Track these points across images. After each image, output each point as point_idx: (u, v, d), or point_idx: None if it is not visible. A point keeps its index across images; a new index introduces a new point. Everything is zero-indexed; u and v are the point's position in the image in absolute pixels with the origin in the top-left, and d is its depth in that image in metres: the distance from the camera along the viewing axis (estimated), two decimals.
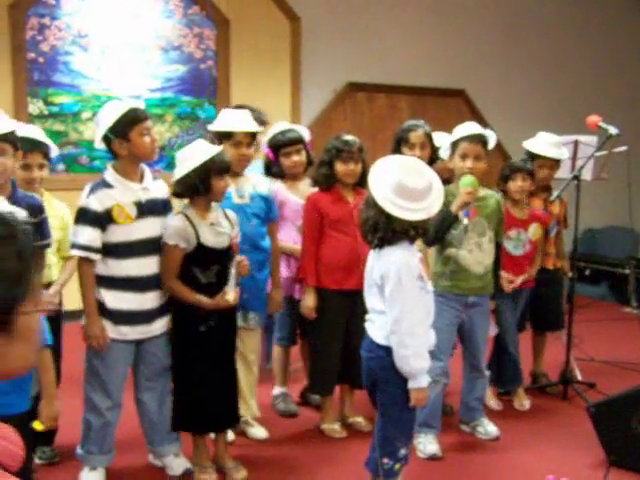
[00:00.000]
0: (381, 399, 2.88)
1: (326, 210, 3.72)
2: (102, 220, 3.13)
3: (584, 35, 8.38)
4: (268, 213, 3.80)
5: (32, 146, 3.35)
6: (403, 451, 2.87)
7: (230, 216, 3.43)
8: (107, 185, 3.19)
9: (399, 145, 3.98)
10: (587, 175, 4.97)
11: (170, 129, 6.65)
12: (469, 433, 3.96)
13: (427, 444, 3.66)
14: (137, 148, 3.17)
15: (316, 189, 3.85)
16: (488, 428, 3.92)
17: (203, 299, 3.21)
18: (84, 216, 3.13)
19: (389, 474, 2.86)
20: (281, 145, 4.00)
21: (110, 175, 3.22)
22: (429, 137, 4.00)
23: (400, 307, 2.70)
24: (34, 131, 3.52)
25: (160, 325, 3.32)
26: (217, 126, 3.73)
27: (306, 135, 4.17)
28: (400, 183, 2.64)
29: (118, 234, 3.17)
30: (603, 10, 8.47)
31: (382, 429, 2.88)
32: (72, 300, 3.56)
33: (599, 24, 8.47)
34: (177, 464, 3.43)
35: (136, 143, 3.16)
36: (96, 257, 3.14)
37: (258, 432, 3.87)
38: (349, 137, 3.80)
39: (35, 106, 6.18)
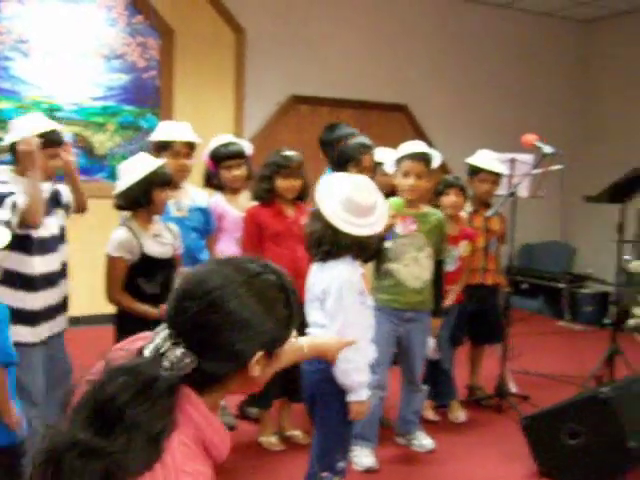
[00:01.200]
0: (320, 412, 2.90)
1: (265, 224, 3.74)
2: None
3: (522, 54, 8.57)
4: (206, 226, 3.81)
5: None
6: (341, 464, 2.90)
7: (171, 228, 3.46)
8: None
9: (346, 162, 3.98)
10: (524, 192, 5.10)
11: (112, 138, 6.58)
12: (405, 445, 4.01)
13: (363, 457, 3.69)
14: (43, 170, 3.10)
15: (255, 203, 3.87)
16: (423, 441, 3.98)
17: (149, 310, 3.21)
18: None
19: None
20: (223, 158, 4.00)
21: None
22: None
23: (341, 321, 2.73)
24: None
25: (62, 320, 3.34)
26: (156, 136, 3.75)
27: (248, 149, 4.19)
28: (349, 198, 2.69)
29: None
30: (541, 29, 8.69)
31: (320, 442, 2.91)
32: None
33: (537, 44, 8.68)
34: None
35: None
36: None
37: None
38: (290, 152, 3.82)
39: None
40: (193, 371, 1.32)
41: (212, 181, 4.11)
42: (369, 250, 2.87)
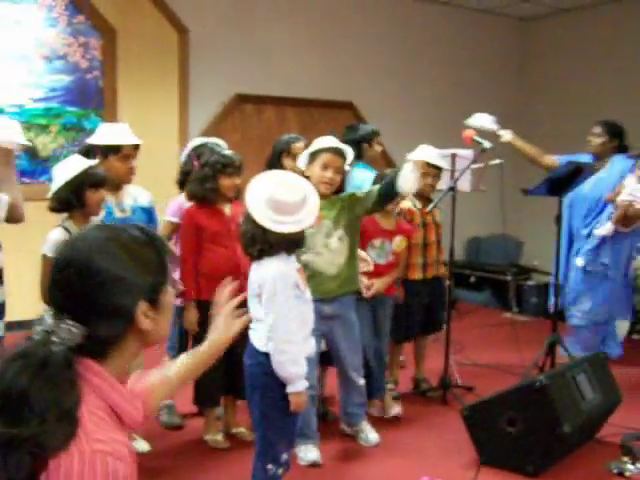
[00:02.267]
0: (262, 405, 2.94)
1: (203, 223, 3.76)
2: None
3: (463, 52, 8.71)
4: (150, 224, 3.81)
5: None
6: (285, 456, 2.96)
7: None
8: None
9: (279, 157, 4.07)
10: (465, 187, 5.19)
11: (55, 140, 6.51)
12: (351, 438, 4.05)
13: (307, 452, 3.74)
14: None
15: (190, 203, 3.88)
16: (370, 435, 4.01)
17: None
18: None
19: None
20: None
21: None
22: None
23: (275, 315, 2.81)
24: None
25: None
26: (102, 140, 3.73)
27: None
28: (272, 197, 2.76)
29: None
30: (481, 27, 8.84)
31: (263, 436, 2.95)
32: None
33: (477, 41, 8.83)
34: None
35: None
36: None
37: (139, 445, 3.85)
38: (229, 152, 3.85)
39: None
40: (87, 340, 1.35)
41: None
42: (300, 244, 2.94)
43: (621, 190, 5.13)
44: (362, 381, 4.00)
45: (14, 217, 3.21)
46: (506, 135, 5.20)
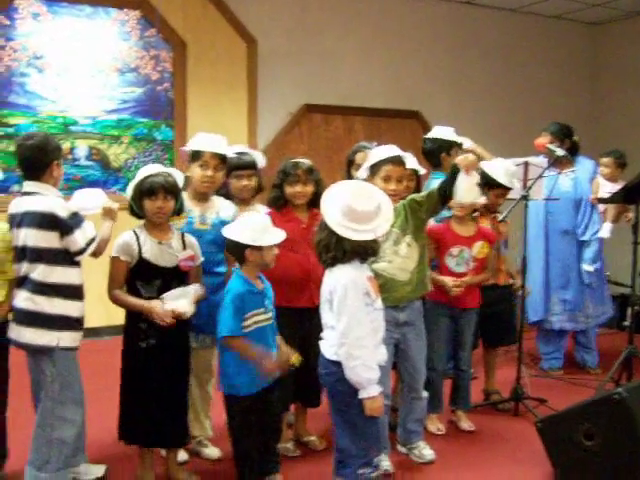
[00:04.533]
0: (343, 413, 2.98)
1: (279, 229, 3.77)
2: None
3: (533, 58, 8.58)
4: None
5: None
6: (376, 459, 3.01)
7: (187, 240, 3.51)
8: None
9: (349, 167, 4.07)
10: (539, 195, 5.08)
11: (126, 151, 6.65)
12: (405, 454, 3.97)
13: (379, 461, 3.69)
14: None
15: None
16: (424, 451, 3.91)
17: (140, 302, 3.32)
18: None
19: None
20: (233, 167, 4.02)
21: None
22: None
23: (346, 320, 2.85)
24: None
25: None
26: (188, 145, 3.83)
27: (261, 161, 4.20)
28: (349, 206, 2.85)
29: None
30: (551, 33, 8.69)
31: (353, 442, 2.98)
32: None
33: (550, 46, 8.69)
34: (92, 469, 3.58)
35: None
36: None
37: (212, 452, 3.88)
38: (299, 160, 3.85)
39: None
40: None
41: (220, 190, 4.11)
42: (374, 252, 3.00)
43: (597, 190, 5.43)
44: (425, 394, 3.93)
45: (96, 253, 3.41)
46: (466, 142, 5.06)
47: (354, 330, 2.84)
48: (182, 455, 3.72)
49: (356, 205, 2.84)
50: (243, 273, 3.25)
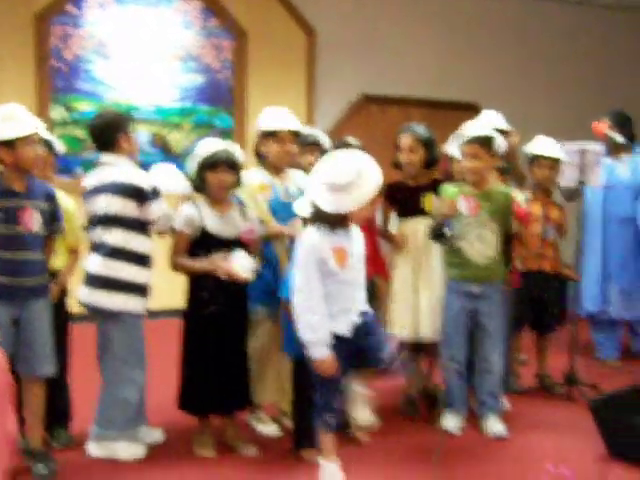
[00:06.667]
0: (309, 365, 3.15)
1: None
2: None
3: (594, 50, 8.49)
4: None
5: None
6: (329, 418, 3.15)
7: (248, 213, 3.62)
8: None
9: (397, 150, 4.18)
10: (596, 182, 5.04)
11: (187, 137, 6.80)
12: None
13: (449, 420, 3.91)
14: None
15: None
16: (494, 428, 3.91)
17: (204, 264, 3.44)
18: None
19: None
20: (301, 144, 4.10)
21: None
22: (420, 141, 4.13)
23: (298, 280, 3.07)
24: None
25: None
26: (263, 125, 3.91)
27: (326, 141, 4.35)
28: (326, 177, 3.00)
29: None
30: (612, 24, 8.60)
31: (317, 391, 3.17)
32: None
33: (610, 38, 8.59)
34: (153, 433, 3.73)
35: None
36: None
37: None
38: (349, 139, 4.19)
39: (57, 112, 6.37)
40: None
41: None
42: (343, 223, 3.10)
43: None
44: (497, 367, 3.95)
45: (164, 231, 3.57)
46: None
47: (303, 291, 3.04)
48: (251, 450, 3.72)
49: (334, 177, 2.97)
50: None
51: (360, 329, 3.17)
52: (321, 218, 3.05)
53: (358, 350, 3.17)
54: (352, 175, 2.97)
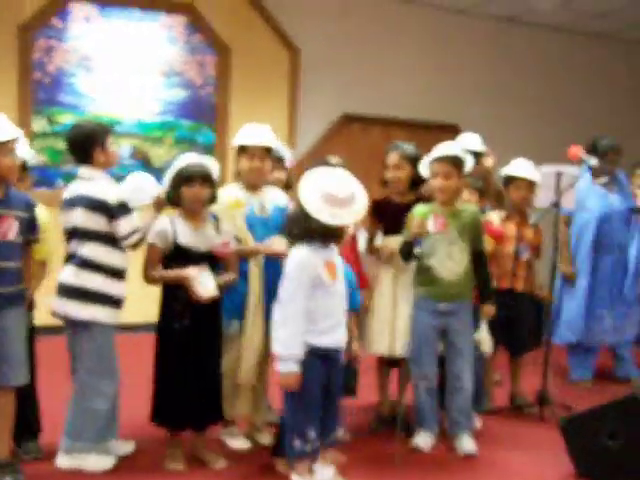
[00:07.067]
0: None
1: None
2: None
3: (575, 74, 8.61)
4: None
5: None
6: (312, 433, 3.20)
7: (222, 227, 3.64)
8: None
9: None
10: (571, 204, 5.10)
11: (169, 152, 6.81)
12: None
13: (420, 438, 3.92)
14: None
15: None
16: (466, 445, 3.92)
17: (178, 272, 3.43)
18: None
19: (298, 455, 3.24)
20: None
21: None
22: (407, 158, 4.16)
23: (282, 295, 3.17)
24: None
25: None
26: (235, 140, 3.95)
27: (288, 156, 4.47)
28: (328, 191, 3.10)
29: None
30: (593, 50, 8.73)
31: (288, 412, 3.29)
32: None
33: (591, 64, 8.72)
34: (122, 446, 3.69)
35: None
36: None
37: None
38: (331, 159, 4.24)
39: (39, 124, 6.37)
40: None
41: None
42: (338, 237, 3.25)
43: None
44: (468, 385, 3.96)
45: (137, 244, 3.52)
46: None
47: (284, 307, 3.14)
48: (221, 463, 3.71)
49: (336, 191, 3.08)
50: None
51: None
52: (314, 233, 3.12)
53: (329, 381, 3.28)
54: (352, 188, 3.13)
